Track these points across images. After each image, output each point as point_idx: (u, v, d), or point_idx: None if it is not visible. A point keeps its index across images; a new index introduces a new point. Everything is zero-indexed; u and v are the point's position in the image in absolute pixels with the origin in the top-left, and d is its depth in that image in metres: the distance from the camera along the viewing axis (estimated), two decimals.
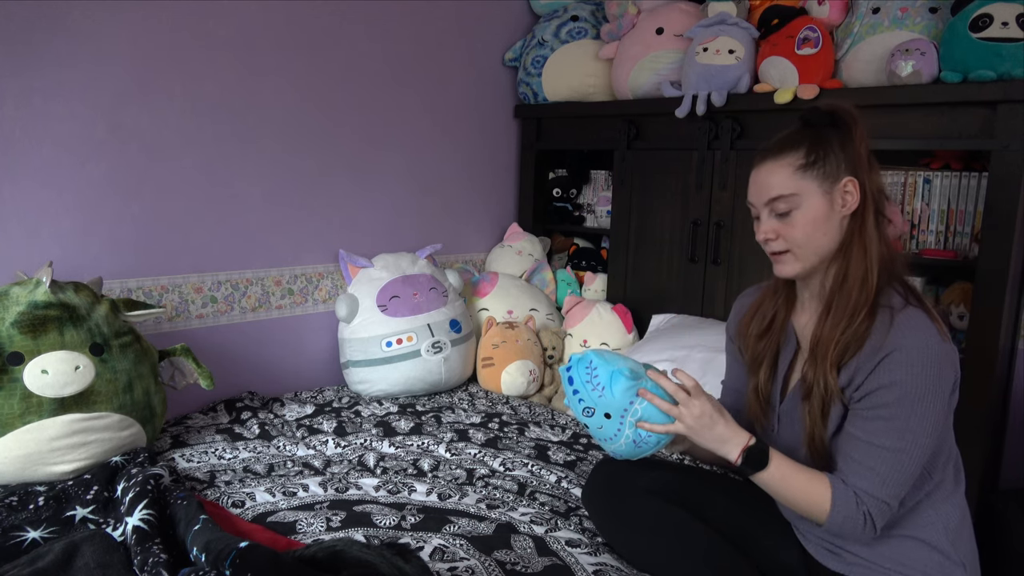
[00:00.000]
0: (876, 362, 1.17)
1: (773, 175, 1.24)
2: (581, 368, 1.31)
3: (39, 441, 1.51)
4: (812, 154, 1.23)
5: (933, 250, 2.08)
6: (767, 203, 1.26)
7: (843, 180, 1.22)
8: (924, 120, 2.00)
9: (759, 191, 1.27)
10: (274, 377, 2.33)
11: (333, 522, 1.42)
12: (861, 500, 1.19)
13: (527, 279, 2.81)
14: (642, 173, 2.61)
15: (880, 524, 1.19)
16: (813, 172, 1.22)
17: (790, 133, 1.27)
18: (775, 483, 1.24)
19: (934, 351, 1.16)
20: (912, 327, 1.17)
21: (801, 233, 1.23)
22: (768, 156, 1.27)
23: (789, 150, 1.24)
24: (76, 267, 1.88)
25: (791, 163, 1.23)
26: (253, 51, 2.16)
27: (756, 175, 1.28)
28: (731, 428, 1.25)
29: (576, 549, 1.38)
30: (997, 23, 1.85)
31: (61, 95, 1.83)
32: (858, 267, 1.22)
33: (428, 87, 2.64)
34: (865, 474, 1.18)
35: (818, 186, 1.22)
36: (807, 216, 1.23)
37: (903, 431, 1.16)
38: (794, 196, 1.23)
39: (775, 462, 1.23)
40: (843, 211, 1.23)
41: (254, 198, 2.23)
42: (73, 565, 1.19)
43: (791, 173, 1.23)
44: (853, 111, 1.25)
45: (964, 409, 1.81)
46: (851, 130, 1.24)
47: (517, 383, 2.37)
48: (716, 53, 2.29)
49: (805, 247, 1.24)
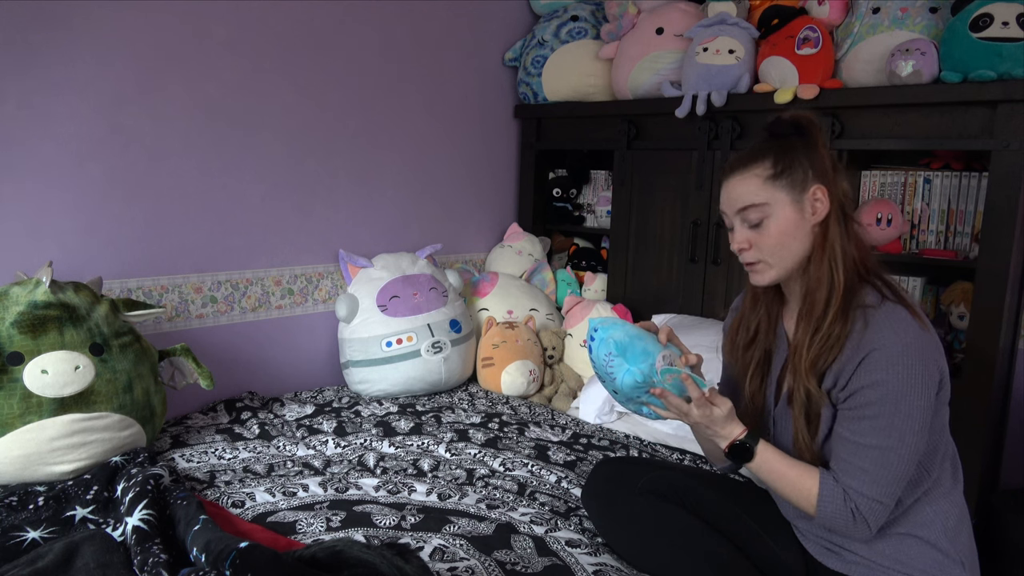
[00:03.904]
0: (858, 362, 1.18)
1: (742, 185, 1.27)
2: (601, 352, 1.31)
3: (39, 441, 1.51)
4: (779, 164, 1.24)
5: (933, 250, 2.08)
6: (738, 212, 1.28)
7: (812, 188, 1.24)
8: (924, 120, 2.00)
9: (730, 201, 1.29)
10: (274, 377, 2.33)
11: (333, 522, 1.43)
12: (849, 497, 1.19)
13: (527, 279, 2.81)
14: (642, 173, 2.61)
15: (875, 523, 1.20)
16: (781, 182, 1.24)
17: (756, 144, 1.30)
18: (762, 475, 1.27)
19: (914, 346, 1.16)
20: (890, 324, 1.17)
21: (774, 242, 1.25)
22: (737, 167, 1.29)
23: (756, 161, 1.26)
24: (76, 267, 1.88)
25: (759, 173, 1.25)
26: (253, 51, 2.16)
27: (726, 186, 1.30)
28: (728, 427, 1.27)
29: (576, 549, 1.38)
30: (997, 23, 1.85)
31: (61, 95, 1.83)
32: (823, 270, 1.23)
33: (428, 87, 2.64)
34: (855, 473, 1.19)
35: (787, 195, 1.24)
36: (779, 226, 1.24)
37: (888, 429, 1.17)
38: (765, 206, 1.24)
39: (761, 456, 1.26)
40: (814, 219, 1.24)
41: (254, 198, 2.23)
42: (73, 565, 1.19)
43: (760, 183, 1.25)
44: (814, 118, 1.27)
45: (964, 409, 1.81)
46: (815, 138, 1.26)
47: (517, 383, 2.37)
48: (716, 53, 2.29)
49: (778, 255, 1.25)
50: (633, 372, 1.27)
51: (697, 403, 1.25)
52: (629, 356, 1.29)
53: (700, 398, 1.25)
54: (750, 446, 1.26)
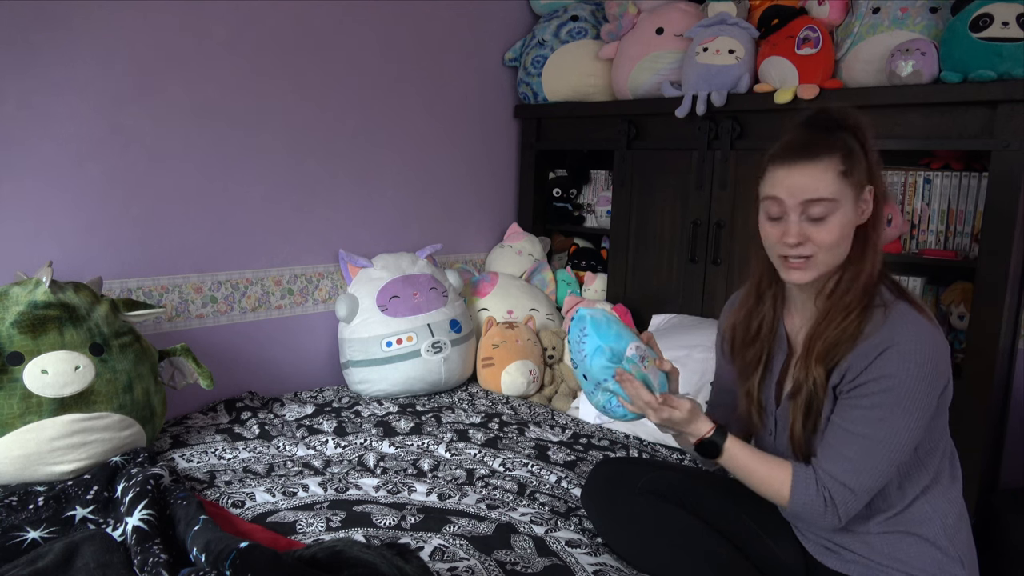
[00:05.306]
0: (873, 358, 1.18)
1: (814, 177, 1.19)
2: (576, 328, 1.34)
3: (39, 441, 1.51)
4: (847, 161, 1.20)
5: (933, 250, 2.08)
6: (803, 204, 1.20)
7: (866, 189, 1.22)
8: (924, 120, 2.00)
9: (795, 190, 1.20)
10: (274, 377, 2.33)
11: (333, 522, 1.43)
12: (823, 484, 1.20)
13: (527, 279, 2.81)
14: (642, 173, 2.61)
15: (845, 513, 1.20)
16: (850, 179, 1.20)
17: (816, 136, 1.22)
18: (732, 470, 1.30)
19: (930, 347, 1.17)
20: (908, 323, 1.18)
21: (833, 240, 1.20)
22: (803, 156, 1.20)
23: (826, 154, 1.20)
24: (76, 267, 1.88)
25: (833, 167, 1.19)
26: (253, 51, 2.16)
27: (790, 174, 1.21)
28: (693, 425, 1.29)
29: (576, 549, 1.38)
30: (997, 23, 1.85)
31: (61, 95, 1.83)
32: (865, 270, 1.23)
33: (428, 87, 2.64)
34: (835, 458, 1.20)
35: (852, 193, 1.21)
36: (841, 222, 1.20)
37: (882, 421, 1.17)
38: (834, 201, 1.19)
39: (728, 452, 1.29)
40: (860, 219, 1.23)
41: (254, 198, 2.23)
42: (73, 565, 1.19)
43: (834, 177, 1.19)
44: (866, 119, 1.25)
45: (964, 409, 1.81)
46: (867, 137, 1.24)
47: (517, 383, 2.37)
48: (716, 53, 2.28)
49: (829, 254, 1.21)
50: (602, 349, 1.28)
51: (651, 406, 1.26)
52: (603, 333, 1.30)
53: (652, 401, 1.26)
54: (718, 443, 1.28)
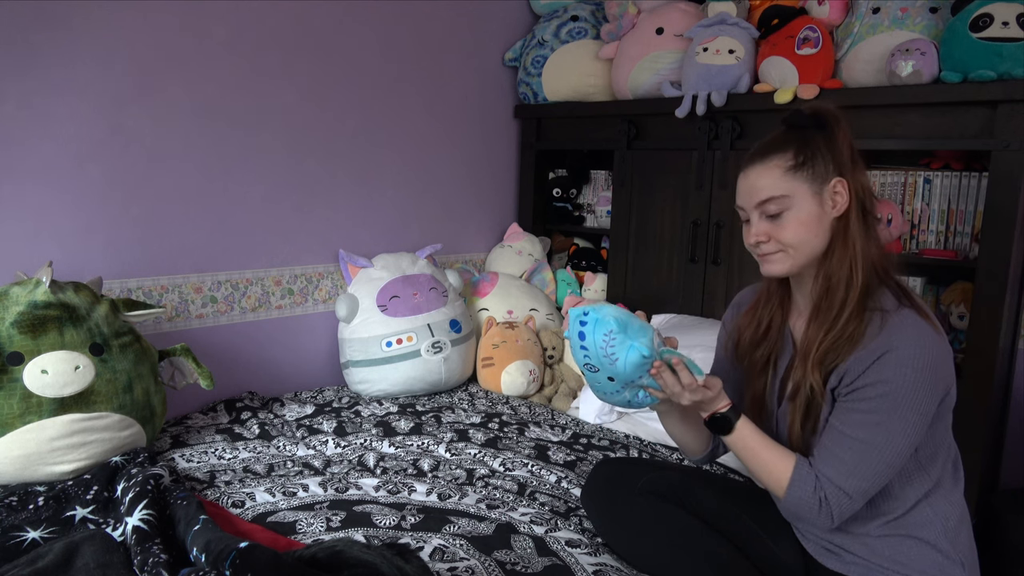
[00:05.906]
0: (870, 362, 1.17)
1: (762, 177, 1.24)
2: (599, 332, 1.25)
3: (39, 441, 1.51)
4: (800, 155, 1.23)
5: (933, 250, 2.08)
6: (757, 205, 1.25)
7: (832, 181, 1.23)
8: (924, 120, 2.00)
9: (749, 194, 1.27)
10: (274, 377, 2.33)
11: (333, 522, 1.43)
12: (820, 485, 1.20)
13: (527, 279, 2.81)
14: (642, 173, 2.61)
15: (839, 515, 1.20)
16: (803, 173, 1.22)
17: (776, 136, 1.28)
18: (738, 450, 1.29)
19: (930, 354, 1.16)
20: (907, 329, 1.17)
21: (793, 234, 1.23)
22: (755, 159, 1.27)
23: (776, 152, 1.24)
24: (76, 267, 1.88)
25: (780, 165, 1.23)
26: (253, 51, 2.16)
27: (744, 178, 1.28)
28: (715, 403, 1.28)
29: (576, 549, 1.38)
30: (997, 23, 1.85)
31: (62, 96, 1.83)
32: (842, 267, 1.22)
33: (428, 87, 2.64)
34: (831, 461, 1.20)
35: (808, 187, 1.22)
36: (799, 217, 1.23)
37: (879, 426, 1.17)
38: (785, 197, 1.23)
39: (739, 431, 1.28)
40: (834, 212, 1.23)
41: (254, 198, 2.23)
42: (73, 565, 1.19)
43: (781, 174, 1.23)
44: (836, 111, 1.26)
45: (964, 409, 1.81)
46: (835, 131, 1.25)
47: (517, 383, 2.37)
48: (716, 53, 2.29)
49: (797, 248, 1.24)
50: (639, 347, 1.22)
51: (689, 389, 1.25)
52: (631, 332, 1.23)
53: (692, 384, 1.24)
54: (731, 419, 1.27)
